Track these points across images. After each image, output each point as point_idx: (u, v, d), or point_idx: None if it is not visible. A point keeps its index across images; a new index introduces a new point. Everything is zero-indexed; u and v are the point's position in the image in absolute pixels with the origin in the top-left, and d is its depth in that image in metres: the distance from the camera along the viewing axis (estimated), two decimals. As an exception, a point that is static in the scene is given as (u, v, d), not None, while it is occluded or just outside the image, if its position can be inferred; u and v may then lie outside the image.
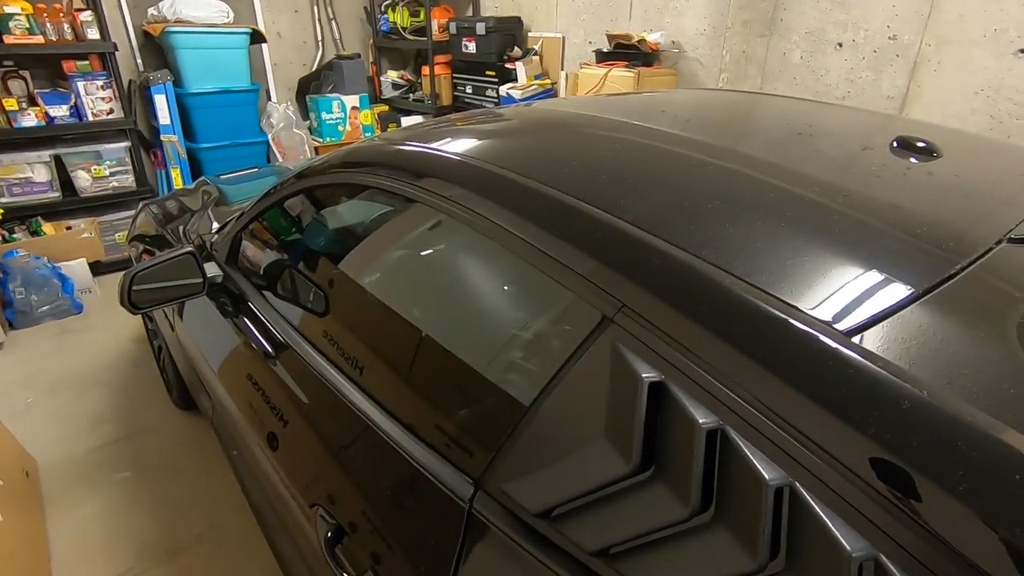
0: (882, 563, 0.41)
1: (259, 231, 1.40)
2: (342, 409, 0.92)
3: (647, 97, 1.32)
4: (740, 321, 0.52)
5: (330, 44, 4.32)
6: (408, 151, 0.97)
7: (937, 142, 0.90)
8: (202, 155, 3.56)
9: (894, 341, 0.49)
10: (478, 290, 0.90)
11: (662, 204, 0.69)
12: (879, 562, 0.41)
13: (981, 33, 1.97)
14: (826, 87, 2.39)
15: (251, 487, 1.34)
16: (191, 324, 1.59)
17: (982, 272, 0.57)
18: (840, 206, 0.67)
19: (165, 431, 2.09)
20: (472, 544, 0.66)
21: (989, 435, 0.41)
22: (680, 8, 2.82)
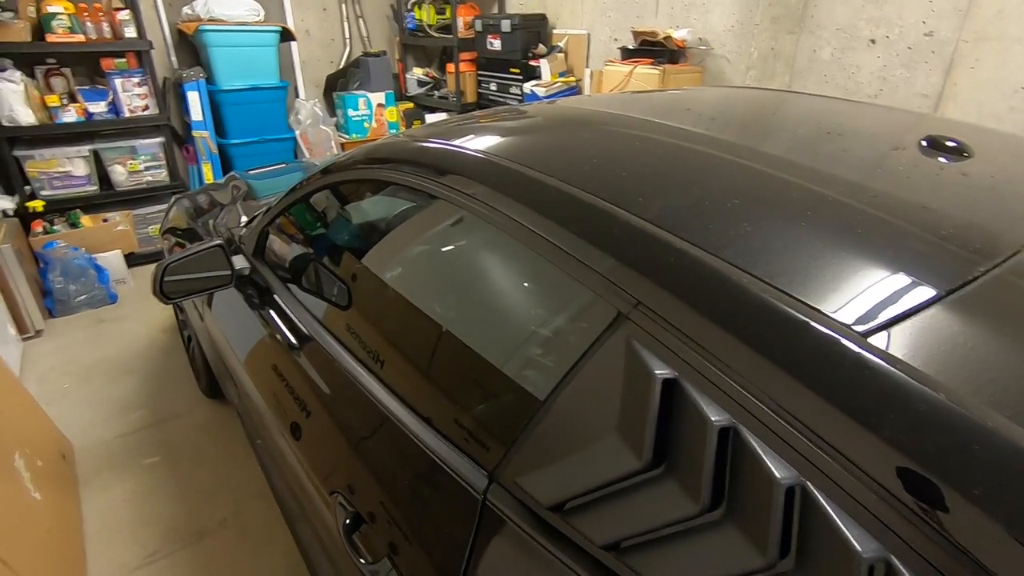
0: (894, 565, 0.41)
1: (285, 225, 1.44)
2: (362, 401, 0.94)
3: (670, 95, 1.32)
4: (754, 320, 0.52)
5: (357, 42, 4.38)
6: (430, 148, 0.98)
7: (968, 141, 0.87)
8: (232, 151, 3.65)
9: (912, 342, 0.48)
10: (496, 286, 0.91)
11: (681, 203, 0.69)
12: (891, 564, 0.41)
13: (1022, 29, 1.90)
14: (857, 85, 2.34)
15: (274, 475, 1.38)
16: (219, 315, 1.64)
17: (1007, 275, 0.56)
18: (862, 206, 0.66)
19: (193, 418, 2.16)
20: (485, 535, 0.67)
21: (1006, 439, 0.40)
22: (707, 5, 2.79)
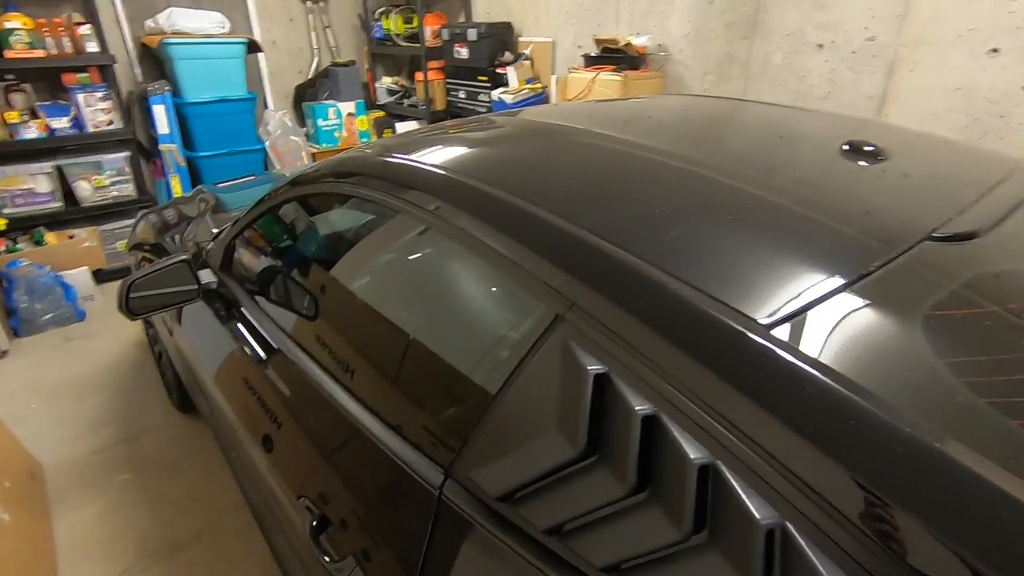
0: (788, 531, 0.46)
1: (253, 238, 1.46)
2: (326, 407, 0.97)
3: (617, 105, 1.38)
4: (673, 317, 0.57)
5: (325, 52, 4.39)
6: (392, 163, 1.01)
7: (887, 144, 0.95)
8: (201, 163, 3.63)
9: (811, 331, 0.54)
10: (454, 294, 0.95)
11: (612, 211, 0.74)
12: (786, 530, 0.46)
13: (955, 34, 2.02)
14: (808, 87, 2.44)
15: (248, 486, 1.39)
16: (188, 329, 1.65)
17: (904, 266, 0.62)
18: (778, 210, 0.72)
19: (165, 433, 2.15)
20: (441, 527, 0.71)
21: (882, 418, 0.46)
22: (665, 12, 2.87)
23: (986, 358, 0.54)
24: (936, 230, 0.68)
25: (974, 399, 0.49)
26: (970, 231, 0.68)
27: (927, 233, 0.67)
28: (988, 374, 0.52)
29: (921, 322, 0.56)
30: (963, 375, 0.51)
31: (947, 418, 0.46)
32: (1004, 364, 0.53)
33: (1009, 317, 0.57)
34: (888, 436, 0.45)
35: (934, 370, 0.51)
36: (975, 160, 0.98)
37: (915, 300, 0.59)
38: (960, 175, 0.89)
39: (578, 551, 0.58)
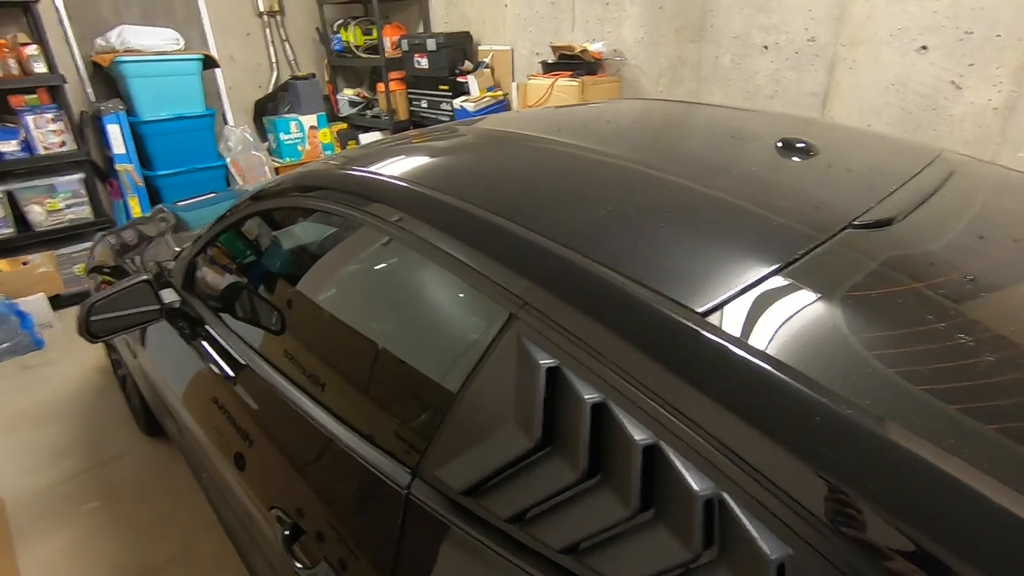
0: (725, 500, 0.50)
1: (216, 255, 1.45)
2: (295, 419, 0.98)
3: (570, 111, 1.42)
4: (616, 310, 0.61)
5: (284, 65, 4.36)
6: (353, 176, 1.03)
7: (818, 141, 1.01)
8: (160, 182, 3.56)
9: (741, 315, 0.58)
10: (416, 302, 0.98)
11: (560, 213, 0.77)
12: (723, 499, 0.50)
13: (887, 33, 2.13)
14: (756, 87, 2.54)
15: (222, 507, 1.38)
16: (153, 351, 1.63)
17: (824, 254, 0.67)
18: (714, 205, 0.77)
19: (133, 458, 2.10)
20: (410, 526, 0.73)
21: (803, 390, 0.50)
22: (618, 18, 2.96)
23: (899, 331, 0.59)
24: (857, 219, 0.74)
25: (887, 370, 0.54)
26: (888, 218, 0.74)
27: (849, 222, 0.73)
28: (900, 346, 0.57)
29: (840, 302, 0.61)
30: (877, 347, 0.56)
31: (864, 388, 0.51)
32: (915, 336, 0.58)
33: (919, 293, 0.63)
34: (809, 408, 0.49)
35: (850, 345, 0.56)
36: (898, 152, 1.06)
37: (836, 283, 0.64)
38: (883, 167, 0.96)
39: (539, 536, 0.61)
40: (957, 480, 0.43)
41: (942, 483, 0.43)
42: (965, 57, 1.99)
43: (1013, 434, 0.48)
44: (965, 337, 0.56)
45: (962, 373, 0.53)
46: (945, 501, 0.42)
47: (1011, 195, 0.96)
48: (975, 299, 0.63)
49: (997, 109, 1.97)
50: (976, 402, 0.51)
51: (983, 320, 0.60)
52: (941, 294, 0.62)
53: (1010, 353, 0.56)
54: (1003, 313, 0.62)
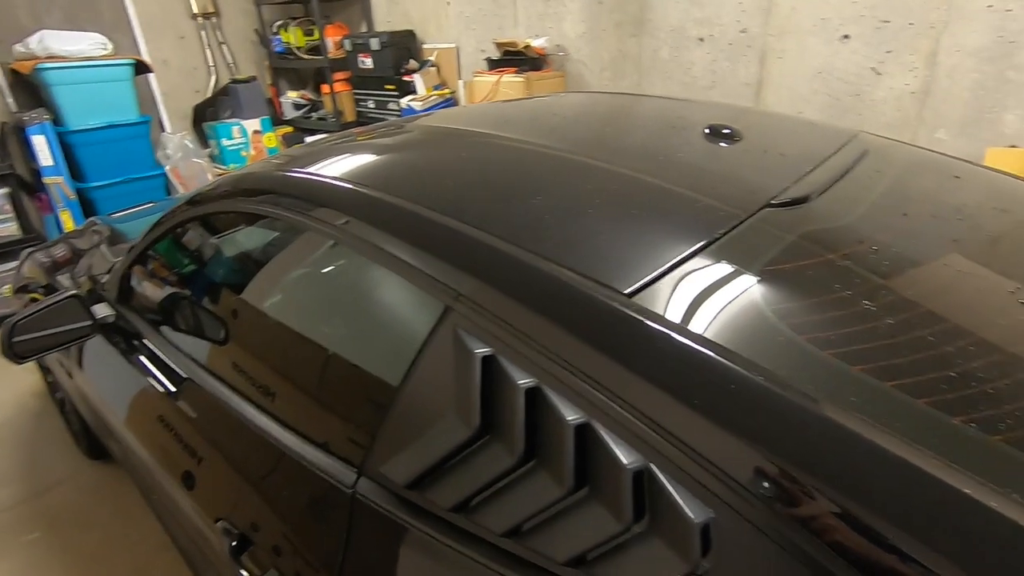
0: (653, 472, 0.52)
1: (153, 265, 1.40)
2: (241, 428, 0.96)
3: (511, 105, 1.44)
4: (547, 296, 0.62)
5: (223, 68, 4.22)
6: (293, 178, 1.00)
7: (743, 126, 1.05)
8: (94, 194, 3.40)
9: (666, 294, 0.61)
10: (359, 302, 0.97)
11: (491, 205, 0.78)
12: (651, 471, 0.52)
13: (812, 23, 2.23)
14: (693, 79, 2.62)
15: (173, 526, 1.34)
16: (91, 370, 1.55)
17: (744, 232, 0.70)
18: (640, 191, 0.79)
19: (75, 483, 2.00)
20: (357, 524, 0.73)
21: (719, 360, 0.52)
22: (559, 13, 2.99)
23: (809, 301, 0.62)
24: (774, 198, 0.77)
25: (799, 337, 0.57)
26: (802, 196, 0.78)
27: (767, 201, 0.76)
28: (810, 314, 0.60)
29: (757, 276, 0.64)
30: (790, 317, 0.59)
31: (777, 356, 0.54)
32: (824, 304, 0.62)
33: (830, 265, 0.67)
34: (725, 377, 0.51)
35: (765, 315, 0.59)
36: (816, 135, 1.11)
37: (754, 259, 0.67)
38: (801, 149, 1.01)
39: (482, 522, 0.62)
40: (860, 436, 0.46)
41: (849, 441, 0.46)
42: (883, 45, 2.11)
43: (912, 390, 0.51)
44: (869, 303, 0.60)
45: (866, 336, 0.57)
46: (852, 458, 0.45)
47: (917, 172, 1.02)
48: (878, 268, 0.67)
49: (914, 93, 2.10)
50: (879, 362, 0.54)
51: (886, 287, 0.64)
52: (848, 265, 0.66)
53: (909, 315, 0.60)
54: (903, 280, 0.67)
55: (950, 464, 0.42)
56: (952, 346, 0.56)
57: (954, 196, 0.95)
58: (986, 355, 0.55)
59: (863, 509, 0.43)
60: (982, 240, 0.80)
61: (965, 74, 1.98)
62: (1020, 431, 0.47)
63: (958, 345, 0.56)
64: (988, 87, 1.95)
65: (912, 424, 0.47)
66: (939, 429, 0.47)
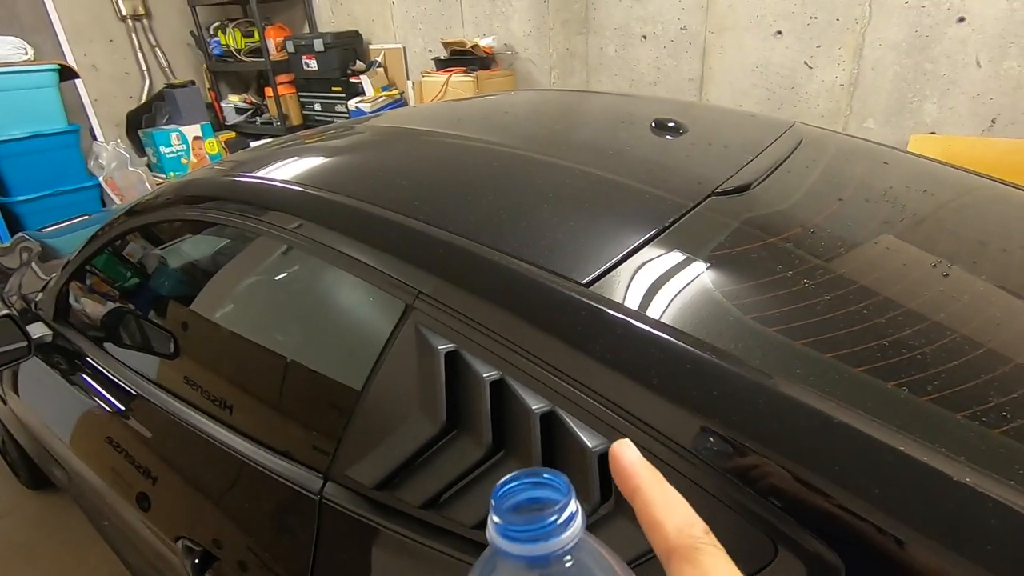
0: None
1: (93, 280, 1.33)
2: (198, 442, 0.93)
3: (460, 104, 1.44)
4: (505, 288, 0.63)
5: (157, 73, 4.04)
6: (244, 183, 0.97)
7: (687, 120, 1.09)
8: (19, 209, 3.19)
9: (622, 282, 0.63)
10: (316, 307, 0.95)
11: (447, 202, 0.79)
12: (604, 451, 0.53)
13: (748, 20, 2.33)
14: (639, 75, 2.69)
15: (128, 553, 1.28)
16: (27, 395, 1.47)
17: (692, 220, 0.73)
18: (593, 183, 0.82)
19: (18, 517, 1.88)
20: (326, 529, 0.72)
21: (673, 343, 0.55)
22: (506, 12, 3.01)
23: (753, 282, 0.66)
24: (719, 187, 0.81)
25: (744, 316, 0.60)
26: (745, 184, 0.82)
27: (712, 190, 0.80)
28: (755, 294, 0.64)
29: (706, 261, 0.67)
30: (737, 298, 0.62)
31: (726, 333, 0.57)
32: (766, 284, 0.65)
33: (772, 247, 0.70)
34: (679, 357, 0.54)
35: (714, 297, 0.62)
36: (756, 126, 1.17)
37: (702, 244, 0.70)
38: (742, 140, 1.06)
39: (453, 517, 0.62)
40: (804, 403, 0.49)
41: (797, 411, 0.49)
42: (813, 40, 2.22)
43: (850, 360, 0.55)
44: (807, 281, 0.64)
45: (802, 313, 0.60)
46: (797, 423, 0.48)
47: (849, 159, 1.09)
48: (815, 249, 0.72)
49: (843, 86, 2.22)
50: (814, 336, 0.58)
51: (822, 266, 0.68)
52: (787, 247, 0.70)
53: (844, 291, 0.64)
54: (839, 259, 0.72)
55: (874, 419, 0.46)
56: (884, 318, 0.60)
57: (884, 181, 1.02)
58: (914, 324, 0.60)
59: (798, 465, 0.46)
60: (910, 221, 0.86)
61: (888, 67, 2.11)
62: (945, 392, 0.51)
63: (889, 316, 0.61)
64: (908, 79, 2.09)
65: (850, 391, 0.51)
66: (876, 395, 0.51)
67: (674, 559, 0.21)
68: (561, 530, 0.20)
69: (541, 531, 0.20)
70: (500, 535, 0.20)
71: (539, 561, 0.20)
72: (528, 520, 0.20)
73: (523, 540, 0.20)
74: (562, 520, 0.20)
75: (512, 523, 0.20)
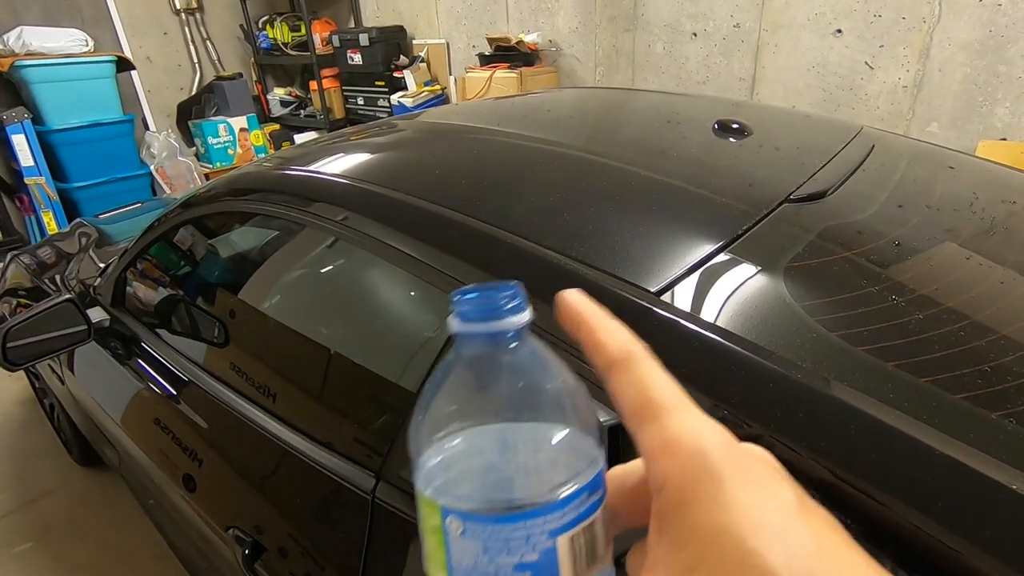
0: None
1: (147, 268, 1.37)
2: (249, 432, 0.94)
3: (511, 101, 1.42)
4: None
5: (208, 65, 4.15)
6: (292, 176, 0.98)
7: (750, 121, 1.05)
8: (77, 195, 3.32)
9: (694, 292, 0.60)
10: (368, 302, 0.95)
11: (507, 201, 0.77)
12: None
13: (805, 17, 2.24)
14: (688, 73, 2.62)
15: (173, 533, 1.31)
16: (83, 375, 1.52)
17: (766, 229, 0.70)
18: (657, 187, 0.79)
19: (67, 492, 1.96)
20: (378, 529, 0.71)
21: (752, 357, 0.52)
22: (552, 8, 2.97)
23: (839, 296, 0.62)
24: (792, 194, 0.77)
25: (826, 331, 0.56)
26: (819, 192, 0.78)
27: (785, 196, 0.76)
28: (843, 309, 0.60)
29: (783, 273, 0.63)
30: (819, 313, 0.59)
31: (810, 352, 0.53)
32: (851, 300, 0.61)
33: (854, 260, 0.66)
34: (759, 373, 0.51)
35: (795, 313, 0.59)
36: (823, 129, 1.11)
37: (779, 255, 0.66)
38: (811, 144, 1.01)
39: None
40: (897, 429, 0.45)
41: (894, 438, 0.45)
42: (876, 39, 2.12)
43: (946, 385, 0.51)
44: (896, 298, 0.60)
45: (894, 332, 0.56)
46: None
47: (924, 165, 1.03)
48: (902, 262, 0.67)
49: (906, 87, 2.12)
50: (908, 358, 0.54)
51: (911, 282, 0.64)
52: (871, 259, 0.66)
53: (937, 310, 0.60)
54: (929, 274, 0.67)
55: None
56: (983, 341, 0.56)
57: (967, 190, 0.96)
58: (1018, 349, 0.55)
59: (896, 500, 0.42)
60: (1002, 235, 0.80)
61: (957, 68, 2.00)
62: None
63: (990, 340, 0.56)
64: (979, 81, 1.97)
65: (951, 420, 0.47)
66: (980, 426, 0.47)
67: (612, 371, 0.23)
68: (510, 313, 0.22)
69: (493, 311, 0.22)
70: (458, 318, 0.22)
71: (491, 340, 0.22)
72: (481, 302, 0.22)
73: (476, 319, 0.22)
74: (511, 305, 0.22)
75: (468, 307, 0.22)
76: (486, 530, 0.21)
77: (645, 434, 0.21)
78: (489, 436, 0.22)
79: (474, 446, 0.22)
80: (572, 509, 0.21)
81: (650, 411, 0.22)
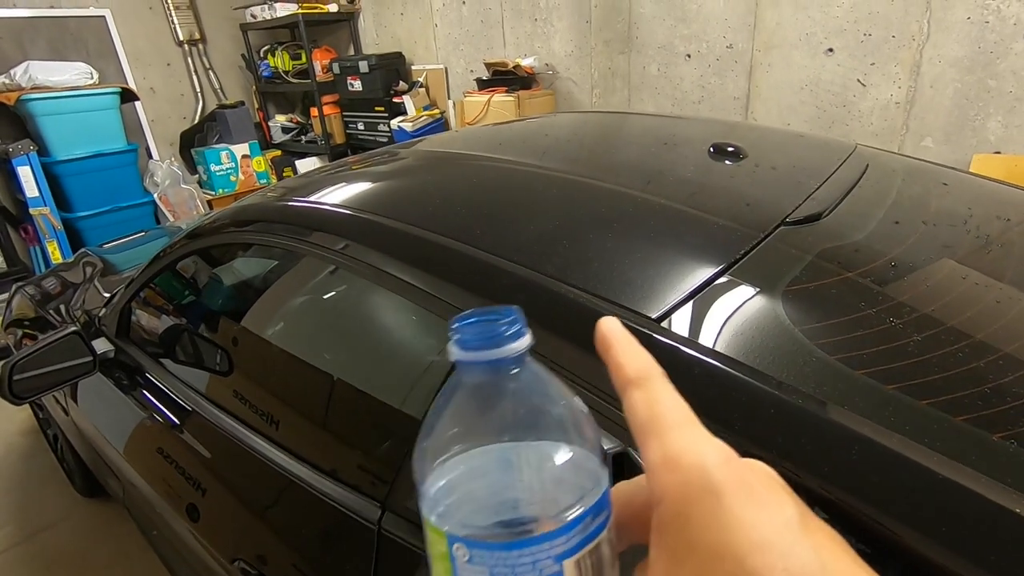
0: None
1: (151, 298, 1.38)
2: (252, 462, 0.94)
3: (508, 128, 1.45)
4: (567, 320, 0.62)
5: (210, 94, 4.22)
6: (293, 207, 1.00)
7: (746, 143, 1.06)
8: (81, 224, 3.36)
9: (692, 318, 0.61)
10: (369, 330, 0.96)
11: (505, 229, 0.78)
12: None
13: (797, 37, 2.28)
14: (683, 94, 2.66)
15: (177, 564, 1.30)
16: (87, 406, 1.52)
17: (763, 253, 0.71)
18: (652, 212, 0.80)
19: (71, 524, 1.94)
20: (385, 561, 0.71)
21: (753, 383, 0.52)
22: (548, 32, 3.03)
23: (838, 319, 0.62)
24: (788, 216, 0.78)
25: (831, 358, 0.57)
26: (816, 213, 0.79)
27: (781, 219, 0.77)
28: (841, 333, 0.61)
29: (781, 296, 0.64)
30: (819, 336, 0.59)
31: (809, 375, 0.54)
32: (850, 323, 0.62)
33: (852, 281, 0.67)
34: (760, 399, 0.51)
35: (795, 336, 0.59)
36: (818, 149, 1.13)
37: (777, 278, 0.67)
38: (806, 165, 1.02)
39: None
40: (896, 450, 0.45)
41: (896, 463, 0.46)
42: (867, 57, 2.16)
43: (946, 407, 0.51)
44: (894, 320, 0.60)
45: (894, 354, 0.57)
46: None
47: (919, 183, 1.04)
48: (899, 283, 0.68)
49: (899, 103, 2.15)
50: (908, 380, 0.54)
51: (909, 303, 0.65)
52: (868, 281, 0.67)
53: (936, 331, 0.61)
54: (927, 295, 0.68)
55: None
56: (982, 361, 0.56)
57: (963, 207, 0.97)
58: (1018, 369, 0.56)
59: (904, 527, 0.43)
60: (998, 253, 0.81)
61: (947, 84, 2.03)
62: None
63: (988, 360, 0.57)
64: (970, 96, 2.00)
65: (951, 442, 0.47)
66: (980, 448, 0.47)
67: (628, 388, 0.24)
68: (510, 340, 0.22)
69: (492, 338, 0.22)
70: (458, 346, 0.22)
71: (492, 367, 0.22)
72: (481, 330, 0.22)
73: (476, 347, 0.22)
74: (510, 332, 0.22)
75: (468, 335, 0.22)
76: (492, 556, 0.21)
77: (649, 448, 0.22)
78: (493, 460, 0.23)
79: (478, 471, 0.23)
80: (578, 533, 0.21)
81: (655, 426, 0.22)
